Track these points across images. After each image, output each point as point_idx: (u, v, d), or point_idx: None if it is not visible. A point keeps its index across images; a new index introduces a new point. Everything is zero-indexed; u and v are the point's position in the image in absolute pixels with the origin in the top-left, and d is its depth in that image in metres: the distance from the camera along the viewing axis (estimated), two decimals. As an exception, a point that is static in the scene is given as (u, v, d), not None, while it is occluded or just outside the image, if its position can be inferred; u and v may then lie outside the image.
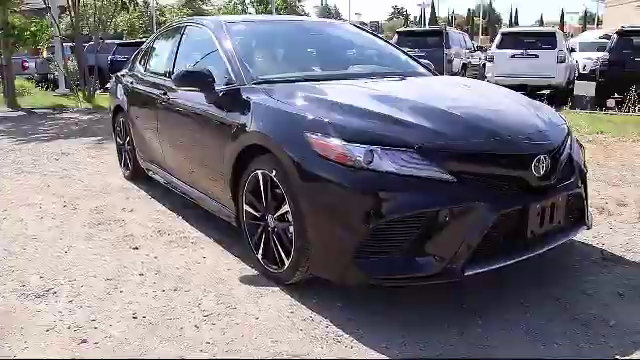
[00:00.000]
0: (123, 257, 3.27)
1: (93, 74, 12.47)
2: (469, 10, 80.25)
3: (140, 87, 4.59)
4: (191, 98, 3.54)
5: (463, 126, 2.57)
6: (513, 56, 11.80)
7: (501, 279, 2.82)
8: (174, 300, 2.70)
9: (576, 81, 13.83)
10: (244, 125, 2.96)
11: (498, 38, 12.59)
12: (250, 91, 3.09)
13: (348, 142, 2.41)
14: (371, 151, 2.38)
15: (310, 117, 2.60)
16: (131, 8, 13.68)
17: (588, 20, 65.80)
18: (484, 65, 13.47)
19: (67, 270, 3.08)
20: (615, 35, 11.22)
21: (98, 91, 12.88)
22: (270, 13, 29.77)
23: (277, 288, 2.81)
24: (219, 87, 3.28)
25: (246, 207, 3.01)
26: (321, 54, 3.90)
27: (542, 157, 2.57)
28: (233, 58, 3.34)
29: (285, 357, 2.22)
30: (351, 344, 2.31)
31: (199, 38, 3.92)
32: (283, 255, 2.75)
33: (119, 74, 5.57)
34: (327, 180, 2.43)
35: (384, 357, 2.21)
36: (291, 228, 2.70)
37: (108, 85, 5.78)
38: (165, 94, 3.96)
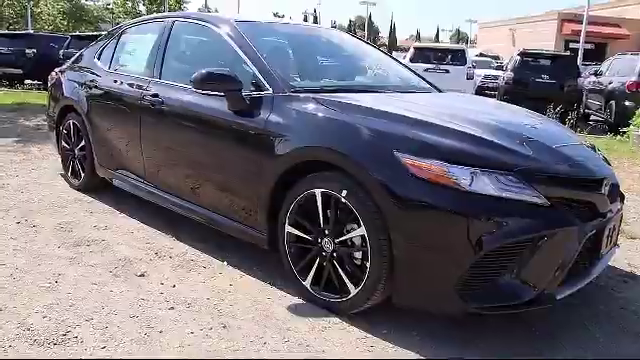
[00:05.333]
0: (133, 287, 2.79)
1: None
2: (350, 21, 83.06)
3: (109, 86, 4.02)
4: (202, 103, 3.14)
5: (544, 150, 2.52)
6: (426, 70, 12.29)
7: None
8: (233, 341, 2.33)
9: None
10: (293, 137, 2.67)
11: (411, 52, 13.08)
12: (293, 100, 2.79)
13: (449, 163, 2.25)
14: (472, 173, 2.24)
15: (398, 135, 2.39)
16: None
17: (460, 38, 71.20)
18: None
19: (73, 306, 2.56)
20: (518, 57, 12.15)
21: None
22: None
23: (337, 319, 2.55)
24: (246, 93, 2.94)
25: (290, 229, 2.71)
26: (337, 62, 3.69)
27: (607, 180, 2.61)
28: (261, 62, 3.00)
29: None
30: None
31: (201, 37, 3.51)
32: (348, 283, 2.51)
33: (61, 69, 4.88)
34: (426, 204, 2.24)
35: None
36: (358, 254, 2.49)
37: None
38: (156, 96, 3.48)
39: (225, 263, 3.13)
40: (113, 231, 3.60)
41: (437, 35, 77.50)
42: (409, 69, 4.10)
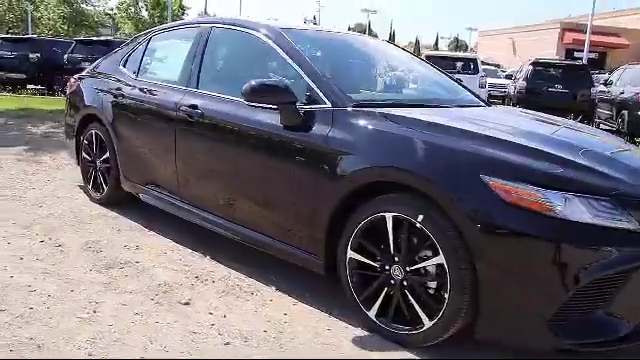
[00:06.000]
0: (180, 317, 2.55)
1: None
2: (349, 28, 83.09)
3: (138, 95, 3.79)
4: (249, 116, 2.93)
5: (628, 171, 2.33)
6: (438, 79, 12.13)
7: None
8: (302, 381, 2.11)
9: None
10: (359, 156, 2.45)
11: (423, 60, 12.91)
12: (356, 115, 2.58)
13: (542, 187, 2.05)
14: (566, 199, 2.04)
15: (482, 155, 2.18)
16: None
17: (459, 46, 71.28)
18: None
19: (118, 341, 2.32)
20: (530, 66, 12.02)
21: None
22: (165, 19, 28.16)
23: (409, 353, 2.33)
24: (300, 106, 2.72)
25: (353, 254, 2.49)
26: (387, 74, 3.49)
27: None
28: (316, 74, 2.79)
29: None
30: None
31: (244, 45, 3.29)
32: (422, 314, 2.29)
33: (80, 76, 4.66)
34: (517, 232, 2.04)
35: None
36: (432, 283, 2.27)
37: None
38: (194, 107, 3.26)
39: (273, 289, 2.91)
40: (145, 252, 3.36)
41: (436, 43, 77.55)
42: (456, 81, 3.90)
